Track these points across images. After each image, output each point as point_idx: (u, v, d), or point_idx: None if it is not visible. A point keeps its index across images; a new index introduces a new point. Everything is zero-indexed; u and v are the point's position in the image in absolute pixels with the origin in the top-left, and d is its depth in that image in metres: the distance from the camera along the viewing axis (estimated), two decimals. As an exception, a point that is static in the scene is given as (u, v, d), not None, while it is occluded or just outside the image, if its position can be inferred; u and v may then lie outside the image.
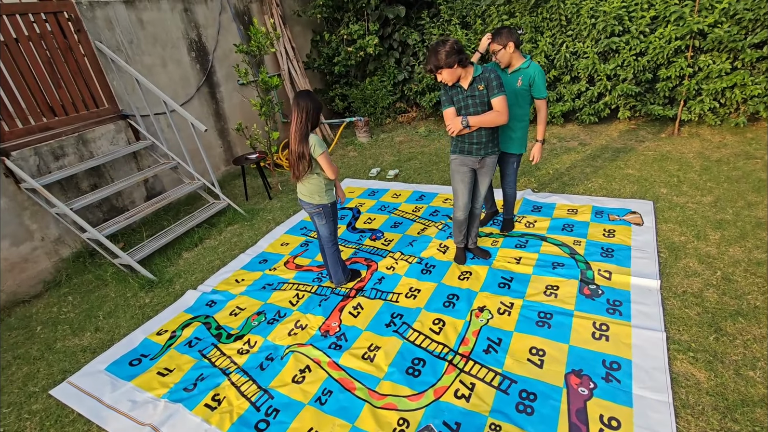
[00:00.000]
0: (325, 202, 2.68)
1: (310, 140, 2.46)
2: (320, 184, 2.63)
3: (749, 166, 3.75)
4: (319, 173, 2.61)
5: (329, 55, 6.83)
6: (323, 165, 2.54)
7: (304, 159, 2.48)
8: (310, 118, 2.46)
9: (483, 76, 2.46)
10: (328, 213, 2.73)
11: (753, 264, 2.59)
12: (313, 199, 2.67)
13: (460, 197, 2.76)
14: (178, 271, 3.62)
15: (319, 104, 2.52)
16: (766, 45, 4.13)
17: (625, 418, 1.81)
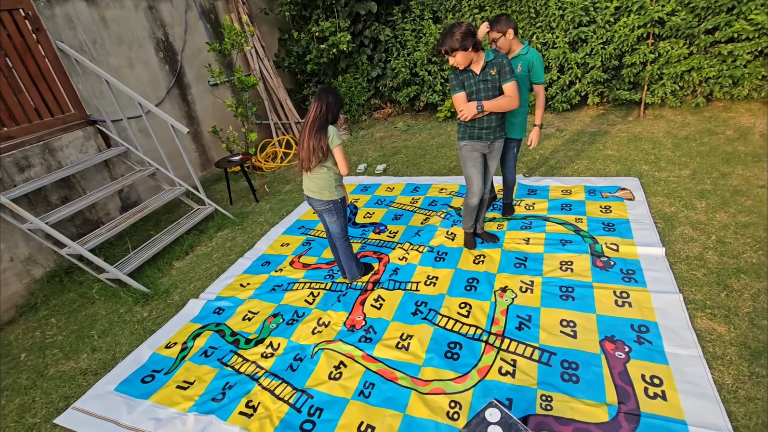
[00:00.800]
0: (335, 198, 2.62)
1: (329, 130, 2.40)
2: (330, 180, 2.57)
3: (714, 141, 4.08)
4: (329, 167, 2.54)
5: (299, 54, 6.70)
6: (338, 157, 2.48)
7: (319, 150, 2.41)
8: (331, 110, 2.40)
9: (495, 62, 2.49)
10: (339, 209, 2.67)
11: (740, 227, 2.82)
12: (323, 195, 2.60)
13: (475, 183, 2.78)
14: (173, 282, 3.42)
15: (341, 102, 2.50)
16: (717, 30, 4.51)
17: (665, 375, 1.91)
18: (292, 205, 4.41)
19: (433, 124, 6.14)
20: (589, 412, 1.81)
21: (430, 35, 5.81)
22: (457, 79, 2.56)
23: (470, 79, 2.53)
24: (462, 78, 2.54)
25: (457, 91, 2.56)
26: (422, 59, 5.89)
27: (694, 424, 1.69)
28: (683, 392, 1.82)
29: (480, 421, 1.61)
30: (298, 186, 4.93)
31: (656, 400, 1.82)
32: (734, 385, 1.83)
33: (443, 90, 6.02)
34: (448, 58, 2.46)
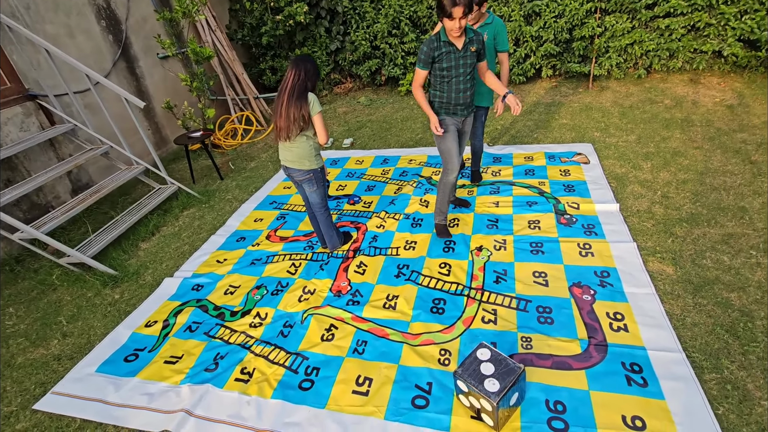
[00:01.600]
0: (315, 167, 2.63)
1: (309, 97, 2.39)
2: (310, 148, 2.56)
3: (655, 109, 4.46)
4: (309, 136, 2.53)
5: (253, 26, 6.42)
6: (318, 125, 2.47)
7: (300, 119, 2.40)
8: (310, 77, 2.39)
9: (476, 38, 2.44)
10: (318, 178, 2.68)
11: (680, 183, 3.16)
12: (302, 165, 2.60)
13: (454, 156, 2.64)
14: (142, 263, 3.30)
15: (319, 70, 2.45)
16: (656, 5, 4.86)
17: (626, 311, 2.16)
18: (260, 182, 4.34)
19: (396, 98, 6.18)
20: (564, 347, 2.03)
21: (390, 7, 5.77)
22: (431, 53, 2.40)
23: (452, 54, 2.40)
24: (444, 51, 2.39)
25: (422, 67, 2.47)
26: (383, 32, 5.85)
27: (651, 348, 1.95)
28: (641, 324, 2.08)
29: (473, 360, 1.76)
30: (263, 162, 4.83)
31: (620, 332, 2.06)
32: (682, 315, 2.11)
33: (404, 63, 6.05)
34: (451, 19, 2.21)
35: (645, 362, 1.89)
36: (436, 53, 2.42)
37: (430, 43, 2.40)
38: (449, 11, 2.19)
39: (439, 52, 2.41)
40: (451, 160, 2.66)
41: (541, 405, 1.78)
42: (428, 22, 5.82)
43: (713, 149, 3.55)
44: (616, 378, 1.85)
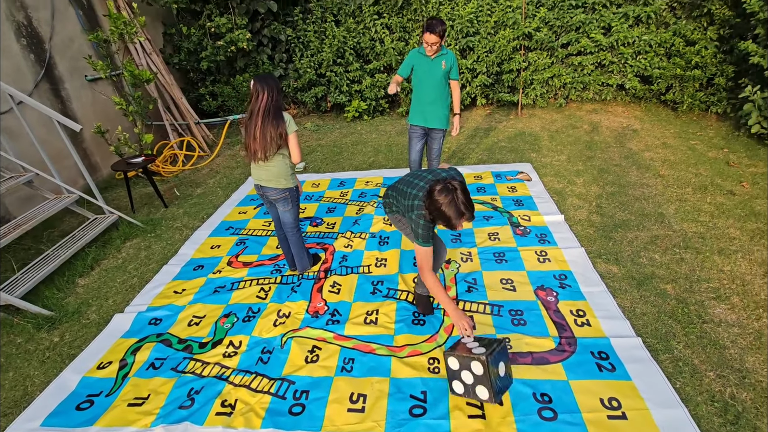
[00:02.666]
0: (291, 186, 2.61)
1: (285, 116, 2.40)
2: (286, 167, 2.55)
3: (577, 133, 5.07)
4: (285, 155, 2.54)
5: (191, 50, 6.25)
6: (293, 144, 2.49)
7: (278, 138, 2.40)
8: (280, 96, 2.42)
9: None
10: (294, 197, 2.65)
11: (609, 195, 3.62)
12: (279, 183, 2.58)
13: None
14: (82, 300, 2.97)
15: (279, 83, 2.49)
16: (570, 45, 5.60)
17: (585, 308, 2.40)
18: (211, 208, 4.15)
19: (342, 123, 6.31)
20: (540, 344, 2.19)
21: (334, 37, 5.98)
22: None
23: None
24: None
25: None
26: (328, 60, 6.02)
27: (612, 336, 2.19)
28: (600, 317, 2.32)
29: (458, 343, 1.86)
30: (211, 188, 4.63)
31: (584, 327, 2.28)
32: (632, 306, 2.40)
33: (350, 91, 6.24)
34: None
35: (610, 350, 2.12)
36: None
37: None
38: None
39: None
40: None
41: (530, 398, 1.90)
42: (371, 53, 6.11)
43: (629, 166, 4.12)
44: (588, 366, 2.04)
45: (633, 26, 5.34)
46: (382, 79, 6.04)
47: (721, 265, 2.67)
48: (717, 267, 2.66)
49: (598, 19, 5.34)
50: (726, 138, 4.56)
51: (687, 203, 3.39)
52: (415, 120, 3.38)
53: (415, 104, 3.36)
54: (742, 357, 2.04)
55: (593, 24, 5.36)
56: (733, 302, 2.37)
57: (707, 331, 2.20)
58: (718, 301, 2.39)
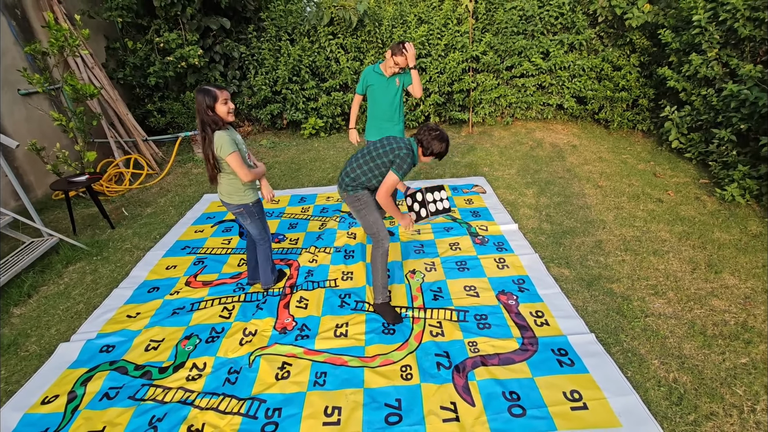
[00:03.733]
0: (245, 202, 2.56)
1: (215, 139, 2.28)
2: (236, 184, 2.47)
3: (524, 149, 5.43)
4: (230, 174, 2.43)
5: (137, 65, 6.01)
6: (233, 167, 2.33)
7: (211, 159, 2.35)
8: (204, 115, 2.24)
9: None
10: (251, 212, 2.61)
11: (557, 204, 3.90)
12: (232, 200, 2.54)
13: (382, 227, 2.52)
14: (19, 331, 2.71)
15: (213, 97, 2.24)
16: (514, 67, 6.03)
17: (544, 309, 2.56)
18: (164, 227, 3.96)
19: (299, 141, 6.31)
20: (505, 346, 2.30)
21: (289, 56, 6.02)
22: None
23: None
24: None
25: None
26: (284, 78, 6.03)
27: (569, 334, 2.35)
28: (558, 317, 2.49)
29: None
30: (162, 207, 4.42)
31: (543, 327, 2.43)
32: (584, 305, 2.60)
33: (306, 108, 6.27)
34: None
35: (568, 347, 2.27)
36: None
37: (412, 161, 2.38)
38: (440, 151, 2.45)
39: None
40: (381, 229, 2.48)
41: (500, 397, 1.99)
42: (326, 71, 6.21)
43: (571, 178, 4.47)
44: (550, 363, 2.17)
45: (568, 52, 5.86)
46: (339, 97, 6.13)
47: (656, 264, 2.96)
48: (653, 266, 2.94)
49: (537, 45, 5.82)
50: (651, 152, 5.09)
51: (624, 210, 3.73)
52: (372, 136, 3.46)
53: (371, 120, 3.44)
54: (680, 345, 2.26)
55: (533, 49, 5.82)
56: (669, 297, 2.64)
57: (649, 323, 2.43)
58: (657, 296, 2.65)
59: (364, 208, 2.47)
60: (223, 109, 2.30)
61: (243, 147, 2.42)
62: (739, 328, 2.35)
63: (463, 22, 5.91)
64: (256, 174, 2.46)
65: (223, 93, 2.30)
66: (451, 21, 5.86)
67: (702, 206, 3.73)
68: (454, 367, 2.17)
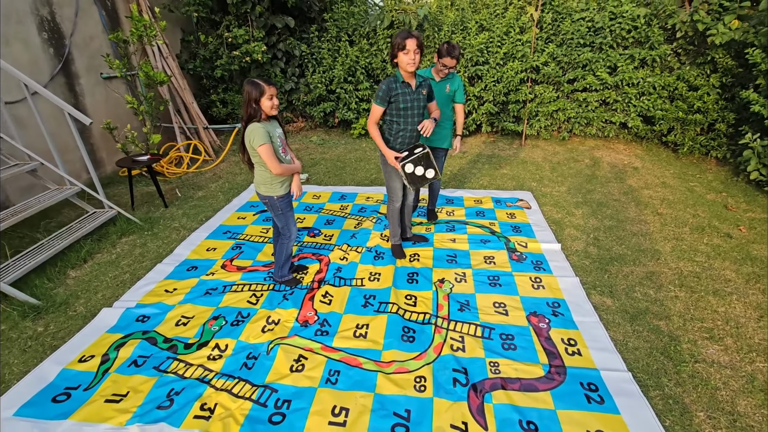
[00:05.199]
0: (270, 195, 2.57)
1: (248, 131, 2.35)
2: (265, 176, 2.51)
3: (578, 167, 5.13)
4: (263, 165, 2.47)
5: (206, 58, 6.39)
6: (263, 158, 2.37)
7: (243, 151, 2.44)
8: (248, 106, 2.31)
9: (425, 83, 2.73)
10: (275, 206, 2.61)
11: (607, 228, 3.63)
12: (260, 189, 2.59)
13: (399, 191, 2.93)
14: (71, 292, 2.94)
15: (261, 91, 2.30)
16: (576, 81, 5.73)
17: (577, 337, 2.38)
18: (211, 211, 4.16)
19: (348, 140, 6.39)
20: (529, 371, 2.16)
21: (346, 56, 6.13)
22: (389, 91, 2.60)
23: (408, 95, 2.63)
24: (399, 92, 2.60)
25: (379, 104, 2.64)
26: (339, 77, 6.15)
27: (603, 368, 2.15)
28: (592, 348, 2.30)
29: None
30: (212, 192, 4.65)
31: (574, 356, 2.25)
32: (624, 340, 2.38)
33: (358, 108, 6.34)
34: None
35: (599, 382, 2.08)
36: (393, 93, 2.62)
37: (389, 83, 2.59)
38: (403, 44, 2.46)
39: (395, 93, 2.62)
40: (396, 194, 2.97)
41: (516, 425, 1.86)
42: (381, 73, 6.25)
43: (628, 202, 4.15)
44: (576, 397, 2.00)
45: (638, 68, 5.47)
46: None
47: (716, 305, 2.66)
48: (711, 307, 2.64)
49: (604, 58, 5.49)
50: (725, 182, 4.61)
51: (684, 242, 3.40)
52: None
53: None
54: (733, 399, 2.00)
55: (600, 63, 5.50)
56: (727, 344, 2.35)
57: (699, 370, 2.17)
58: (711, 341, 2.37)
59: (387, 170, 2.89)
60: (268, 104, 2.36)
61: (278, 141, 2.47)
62: (810, 390, 2.04)
63: (526, 32, 5.70)
64: (287, 168, 2.50)
65: (271, 88, 2.36)
66: (513, 29, 5.68)
67: (779, 247, 3.31)
68: (471, 386, 2.07)
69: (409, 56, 2.49)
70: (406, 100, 2.65)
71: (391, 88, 2.61)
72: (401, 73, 2.60)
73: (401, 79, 2.61)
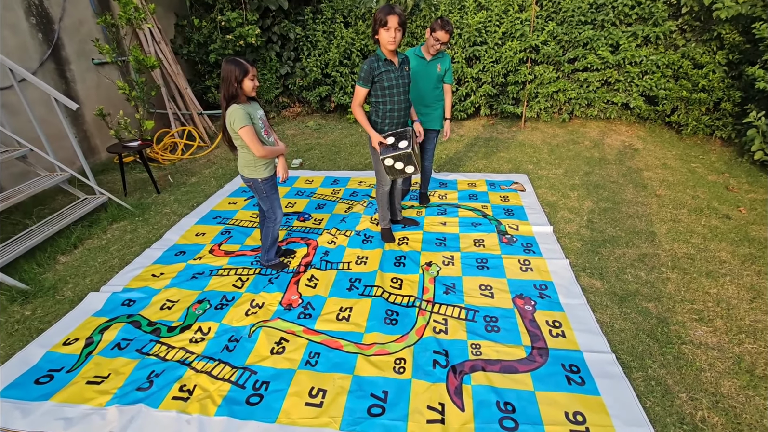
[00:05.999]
0: (254, 177, 2.54)
1: (228, 113, 2.30)
2: (248, 158, 2.48)
3: (578, 149, 5.02)
4: (243, 146, 2.43)
5: (200, 42, 6.31)
6: (245, 140, 2.33)
7: (224, 132, 2.40)
8: (229, 86, 2.25)
9: (406, 59, 2.67)
10: (259, 189, 2.59)
11: (602, 211, 3.55)
12: (243, 172, 2.56)
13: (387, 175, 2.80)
14: (60, 277, 2.96)
15: (244, 70, 2.25)
16: (576, 60, 5.58)
17: (563, 319, 2.34)
18: (202, 197, 4.14)
19: (344, 124, 6.32)
20: (510, 353, 2.13)
21: (342, 38, 6.01)
22: (371, 71, 2.52)
23: (391, 73, 2.55)
24: (383, 70, 2.52)
25: (362, 85, 2.57)
26: (334, 60, 6.05)
27: (586, 351, 2.12)
28: (577, 330, 2.26)
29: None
30: (205, 178, 4.63)
31: (558, 338, 2.22)
32: (611, 322, 2.34)
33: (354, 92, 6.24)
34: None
35: (582, 364, 2.05)
36: (376, 72, 2.53)
37: (371, 63, 2.51)
38: (385, 20, 2.35)
39: (378, 72, 2.53)
40: (385, 177, 2.90)
41: (493, 406, 1.84)
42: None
43: (626, 184, 4.06)
44: (557, 378, 1.97)
45: (641, 46, 5.30)
46: (387, 83, 6.03)
47: (708, 287, 2.60)
48: (703, 289, 2.58)
49: (606, 36, 5.32)
50: (728, 163, 4.49)
51: (680, 224, 3.32)
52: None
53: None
54: (718, 381, 1.96)
55: (601, 41, 5.33)
56: (716, 325, 2.30)
57: (685, 352, 2.13)
58: (701, 323, 2.32)
59: (376, 152, 2.81)
60: (250, 84, 2.31)
61: (259, 122, 2.42)
62: (799, 372, 1.99)
63: (526, 9, 5.54)
64: (271, 150, 2.46)
65: (253, 69, 2.31)
66: (512, 7, 5.51)
67: (779, 228, 3.22)
68: (451, 368, 2.05)
69: (390, 33, 2.39)
70: (390, 78, 2.57)
71: (374, 68, 2.53)
72: (382, 51, 2.52)
73: (383, 57, 2.54)
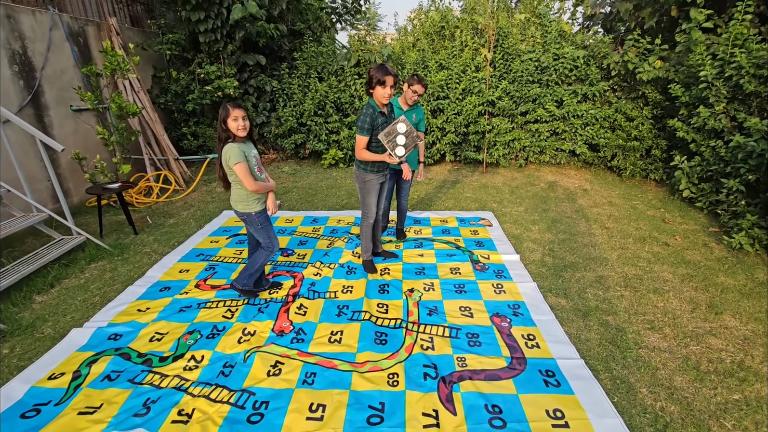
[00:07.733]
0: (248, 211, 2.71)
1: (224, 149, 2.53)
2: (242, 193, 2.66)
3: (535, 189, 5.55)
4: (239, 183, 2.62)
5: (178, 92, 6.57)
6: (239, 175, 2.53)
7: (222, 166, 2.60)
8: (220, 127, 2.50)
9: (391, 106, 3.05)
10: (254, 221, 2.75)
11: (561, 241, 3.95)
12: (237, 207, 2.72)
13: (373, 207, 3.15)
14: (38, 315, 2.89)
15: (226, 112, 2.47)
16: (528, 113, 6.29)
17: (536, 333, 2.59)
18: (183, 236, 4.19)
19: (319, 170, 6.62)
20: (493, 363, 2.33)
21: (316, 91, 6.47)
22: (372, 122, 2.81)
23: (386, 124, 2.89)
24: (380, 122, 2.86)
25: (365, 134, 2.83)
26: (309, 111, 6.45)
27: (559, 357, 2.36)
28: (549, 341, 2.50)
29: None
30: (184, 219, 4.69)
31: (533, 349, 2.45)
32: (577, 333, 2.61)
33: (328, 140, 6.63)
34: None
35: (556, 369, 2.28)
36: (376, 125, 2.87)
37: (372, 116, 2.81)
38: (383, 79, 2.71)
39: (377, 124, 2.88)
40: (371, 210, 3.17)
41: (482, 409, 2.01)
42: (350, 107, 6.61)
43: (579, 218, 4.54)
44: (536, 382, 2.18)
45: (581, 101, 6.10)
46: (359, 132, 6.47)
47: (656, 301, 2.96)
48: (652, 303, 2.94)
49: (551, 93, 6.09)
50: (663, 200, 5.13)
51: (628, 251, 3.76)
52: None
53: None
54: (671, 377, 2.24)
55: (547, 97, 6.09)
56: (665, 332, 2.62)
57: (642, 355, 2.41)
58: (653, 331, 2.64)
59: (364, 188, 3.07)
60: (233, 124, 2.51)
61: (253, 160, 2.64)
62: (735, 366, 2.32)
63: (481, 70, 6.27)
64: (262, 186, 2.66)
65: (236, 111, 2.50)
66: (469, 68, 6.23)
67: (709, 252, 3.72)
68: (440, 378, 2.21)
69: (386, 90, 2.76)
70: (384, 126, 2.92)
71: (374, 118, 2.84)
72: (377, 104, 2.86)
73: (378, 110, 2.87)
